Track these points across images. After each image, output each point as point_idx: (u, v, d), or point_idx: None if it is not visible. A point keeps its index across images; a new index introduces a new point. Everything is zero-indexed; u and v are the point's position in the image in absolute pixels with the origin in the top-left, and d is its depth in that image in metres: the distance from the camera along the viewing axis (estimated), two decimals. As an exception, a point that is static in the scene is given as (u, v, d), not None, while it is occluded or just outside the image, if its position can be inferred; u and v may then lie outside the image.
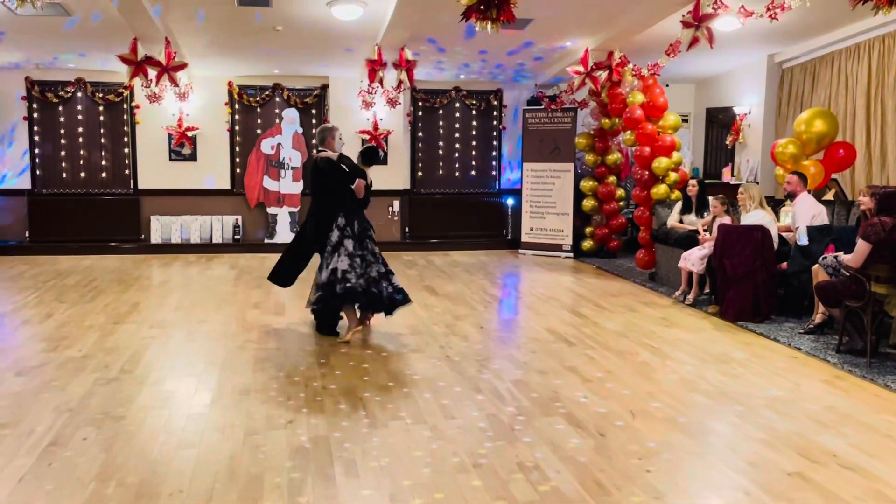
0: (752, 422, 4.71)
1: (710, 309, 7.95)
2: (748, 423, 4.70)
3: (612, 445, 4.30)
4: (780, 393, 5.31)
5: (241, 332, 7.05)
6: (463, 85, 13.54)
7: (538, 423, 4.65)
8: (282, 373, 5.70)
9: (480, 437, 4.41)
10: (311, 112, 13.15)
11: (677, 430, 4.56)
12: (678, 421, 4.72)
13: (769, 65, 11.76)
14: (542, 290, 9.38)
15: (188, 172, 12.78)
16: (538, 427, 4.58)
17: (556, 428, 4.57)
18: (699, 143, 13.94)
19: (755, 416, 4.83)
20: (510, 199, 13.68)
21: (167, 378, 5.56)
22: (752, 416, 4.81)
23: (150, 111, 12.44)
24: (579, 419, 4.72)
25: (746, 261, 7.43)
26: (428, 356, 6.22)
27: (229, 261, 11.68)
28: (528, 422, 4.67)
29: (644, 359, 6.20)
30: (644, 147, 10.35)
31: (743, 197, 7.90)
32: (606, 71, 10.63)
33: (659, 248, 9.77)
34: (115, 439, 4.33)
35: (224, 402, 5.01)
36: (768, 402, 5.10)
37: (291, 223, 12.94)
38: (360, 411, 4.84)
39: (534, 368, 5.88)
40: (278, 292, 9.17)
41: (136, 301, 8.45)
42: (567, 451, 4.20)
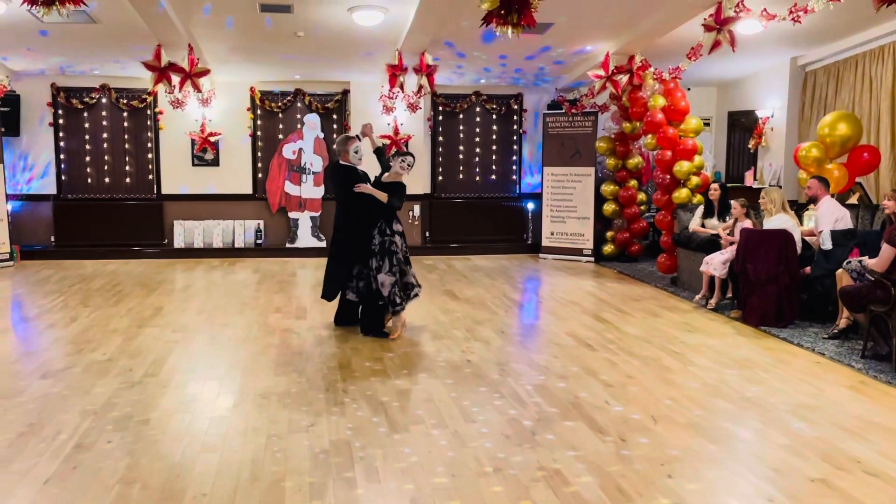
0: (776, 428, 4.67)
1: (733, 314, 7.89)
2: (771, 428, 4.65)
3: (633, 451, 4.27)
4: (804, 399, 5.26)
5: (263, 335, 7.08)
6: (483, 89, 13.54)
7: (559, 427, 4.64)
8: (303, 377, 5.71)
9: (501, 441, 4.40)
10: (333, 117, 13.21)
11: (700, 435, 4.53)
12: (701, 426, 4.68)
13: (792, 68, 11.67)
14: (562, 295, 9.35)
15: (211, 177, 12.87)
16: (559, 432, 4.56)
17: (578, 433, 4.55)
18: (721, 147, 13.84)
19: (778, 421, 4.78)
20: (531, 204, 13.66)
21: (190, 382, 5.59)
22: (775, 422, 4.77)
23: (174, 117, 12.55)
24: (601, 424, 4.70)
25: (769, 265, 7.38)
26: (448, 360, 6.22)
27: (251, 265, 11.75)
28: (549, 426, 4.66)
29: (666, 364, 6.16)
30: (665, 151, 10.30)
31: (765, 201, 7.84)
32: (627, 75, 10.59)
33: (681, 252, 9.71)
34: (139, 442, 4.36)
35: (246, 406, 5.03)
36: (792, 407, 5.05)
37: (313, 227, 12.99)
38: (380, 415, 4.85)
39: (555, 373, 5.87)
40: (300, 296, 9.21)
41: (160, 305, 8.52)
42: (589, 456, 4.19)
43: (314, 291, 9.61)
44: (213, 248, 12.72)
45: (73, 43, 10.27)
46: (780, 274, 7.37)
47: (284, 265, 11.75)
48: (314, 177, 12.97)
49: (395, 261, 6.90)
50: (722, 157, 13.80)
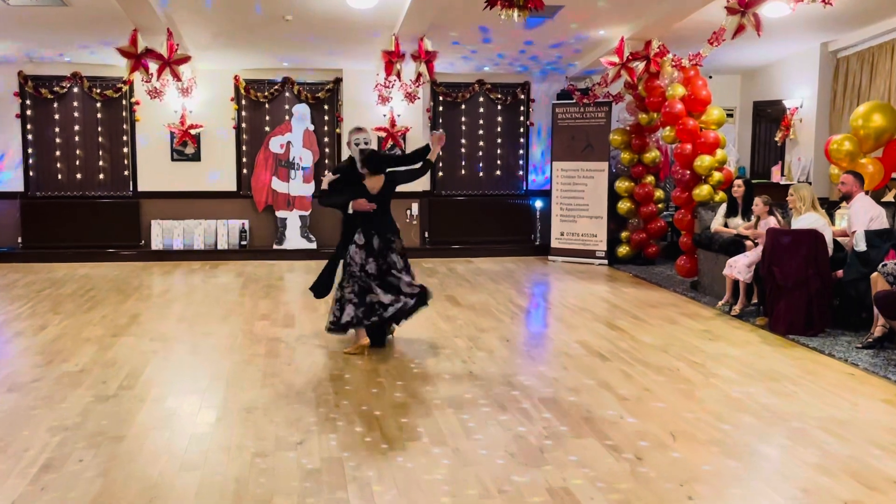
0: (805, 445, 4.67)
1: (758, 321, 7.89)
2: (800, 446, 4.65)
3: (650, 470, 4.28)
4: (836, 413, 5.26)
5: (249, 345, 7.08)
6: (487, 78, 13.55)
7: (569, 445, 4.64)
8: (292, 389, 5.72)
9: (506, 460, 4.41)
10: (324, 108, 13.22)
11: (722, 453, 4.53)
12: (723, 443, 4.68)
13: (822, 54, 11.67)
14: (573, 301, 9.36)
15: (191, 173, 12.88)
16: (569, 450, 4.56)
17: (590, 451, 4.55)
18: (745, 140, 13.85)
19: (808, 438, 4.78)
20: (539, 202, 13.66)
21: (169, 395, 5.59)
22: (804, 439, 4.77)
23: (151, 108, 12.57)
24: (615, 441, 4.70)
25: (798, 268, 7.38)
26: (449, 372, 6.22)
27: (235, 268, 11.76)
28: (558, 444, 4.66)
29: (686, 375, 6.16)
30: (685, 144, 10.31)
31: (794, 198, 7.85)
32: (644, 61, 10.60)
33: (702, 254, 9.71)
34: (114, 461, 4.37)
35: (230, 421, 5.03)
36: (822, 423, 5.05)
37: (302, 228, 13.00)
38: (375, 431, 4.85)
39: (565, 386, 5.87)
40: (288, 302, 9.22)
41: (136, 312, 8.52)
42: (602, 476, 4.19)
43: (304, 297, 9.62)
44: (193, 249, 12.73)
45: (43, 28, 10.28)
46: (809, 278, 7.37)
47: (271, 268, 11.76)
48: (304, 173, 12.98)
49: (349, 276, 6.75)
50: (746, 150, 13.80)
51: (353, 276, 6.75)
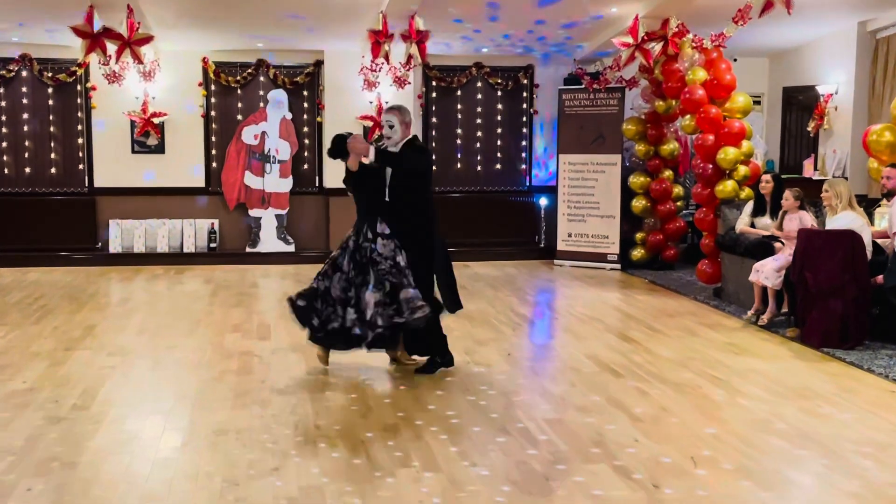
0: (841, 471, 4.67)
1: (789, 332, 7.90)
2: (836, 472, 4.65)
3: (668, 499, 4.27)
4: (876, 435, 5.26)
5: (218, 360, 7.06)
6: (486, 60, 13.55)
7: (578, 471, 4.64)
8: (267, 410, 5.70)
9: (507, 488, 4.40)
10: (303, 94, 13.20)
11: (749, 480, 4.53)
12: (750, 469, 4.68)
13: (860, 34, 11.69)
14: (582, 310, 9.36)
15: (154, 167, 12.85)
16: (578, 477, 4.56)
17: (601, 478, 4.55)
18: (774, 130, 13.87)
19: (845, 464, 4.79)
20: (543, 199, 13.67)
21: (129, 416, 5.57)
22: (840, 465, 4.77)
23: (109, 94, 12.53)
24: (628, 467, 4.70)
25: (833, 273, 7.38)
26: (444, 389, 6.21)
27: (203, 274, 11.75)
28: (565, 470, 4.66)
29: (707, 393, 6.16)
30: (707, 135, 10.32)
31: (828, 195, 7.86)
32: (661, 42, 10.60)
33: (726, 257, 9.73)
34: (66, 490, 4.35)
35: (197, 445, 5.02)
36: (861, 446, 5.05)
37: (279, 228, 12.98)
38: (360, 456, 4.84)
39: (573, 405, 5.86)
40: (263, 312, 9.20)
41: (92, 323, 8.50)
42: (613, 506, 4.19)
43: (280, 306, 9.60)
44: (156, 253, 12.70)
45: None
46: (846, 284, 7.38)
47: (244, 274, 11.74)
48: (280, 167, 12.97)
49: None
50: (775, 142, 13.82)
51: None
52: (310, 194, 13.26)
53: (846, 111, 11.96)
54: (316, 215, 13.23)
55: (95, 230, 12.81)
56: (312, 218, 13.24)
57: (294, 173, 13.09)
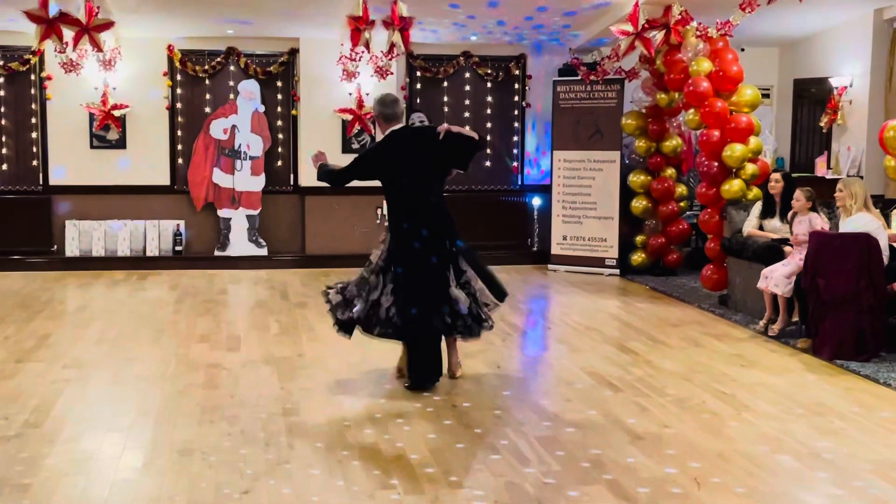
0: (856, 493, 4.68)
1: (800, 343, 7.92)
2: (851, 493, 4.67)
3: (670, 524, 4.28)
4: (893, 454, 5.28)
5: (183, 372, 7.04)
6: (475, 49, 13.56)
7: (573, 493, 4.63)
8: (236, 427, 5.68)
9: (497, 512, 4.40)
10: (276, 84, 13.18)
11: (757, 502, 4.53)
12: (758, 491, 4.69)
13: (876, 22, 11.75)
14: (578, 319, 9.37)
15: (115, 163, 12.80)
16: (573, 498, 4.56)
17: (598, 499, 4.54)
18: (784, 126, 13.92)
19: (859, 484, 4.80)
20: (537, 199, 13.68)
21: (85, 434, 5.54)
22: (855, 486, 4.78)
23: (66, 84, 12.49)
24: (627, 489, 4.70)
25: (847, 280, 7.41)
26: (428, 405, 6.21)
27: (168, 279, 11.71)
28: (559, 491, 4.65)
29: (713, 409, 6.17)
30: (712, 130, 10.35)
31: (842, 195, 7.88)
32: (663, 31, 10.63)
33: (732, 262, 9.75)
34: (17, 514, 4.33)
35: (160, 466, 4.99)
36: (877, 466, 5.07)
37: (250, 230, 12.95)
38: (337, 477, 4.83)
39: (567, 421, 5.86)
40: (232, 321, 9.17)
41: (46, 332, 8.45)
42: (611, 531, 4.19)
43: (251, 314, 9.59)
44: (117, 256, 12.65)
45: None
46: (861, 291, 7.40)
47: (212, 279, 11.71)
48: (252, 163, 12.94)
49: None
50: (786, 138, 13.88)
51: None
52: (284, 193, 13.23)
53: (861, 105, 12.01)
54: (290, 216, 13.21)
55: (51, 232, 12.75)
56: (287, 219, 13.21)
57: (267, 171, 13.06)
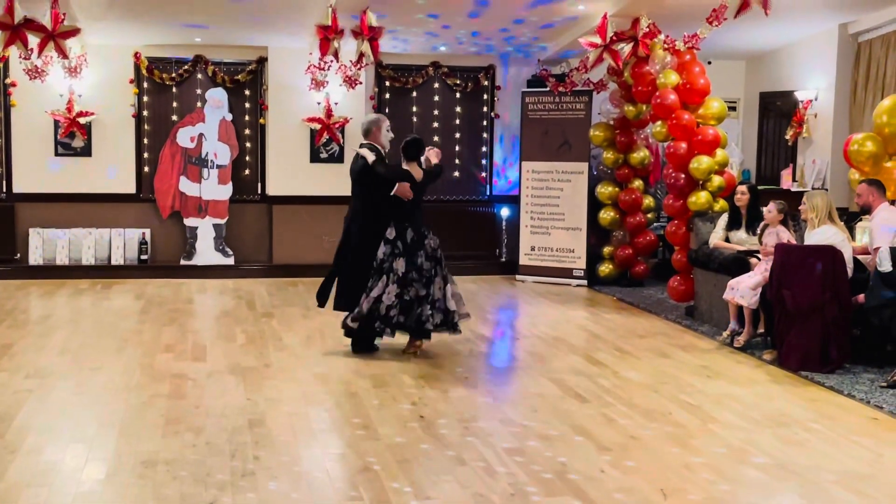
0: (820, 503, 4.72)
1: (766, 355, 7.97)
2: (815, 505, 4.70)
3: (636, 535, 4.29)
4: (857, 465, 5.32)
5: (148, 383, 6.98)
6: (444, 59, 13.59)
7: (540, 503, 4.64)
8: (201, 438, 5.65)
9: (463, 523, 4.39)
10: (244, 93, 13.13)
11: (722, 514, 4.56)
12: (724, 502, 4.71)
13: (841, 37, 11.86)
14: (545, 329, 9.38)
15: (80, 171, 12.70)
16: (540, 511, 4.56)
17: (564, 512, 4.55)
18: (751, 138, 14.03)
19: (824, 495, 4.83)
20: (505, 209, 13.71)
21: (47, 445, 5.49)
22: (819, 496, 4.82)
23: (30, 90, 12.38)
24: (594, 499, 4.70)
25: (812, 292, 7.46)
26: (395, 416, 6.19)
27: (133, 288, 11.62)
28: (526, 502, 4.65)
29: (679, 420, 6.20)
30: (679, 142, 10.41)
31: (806, 208, 7.95)
32: (630, 43, 10.69)
33: (699, 274, 9.80)
34: (-24, 527, 4.27)
35: (123, 478, 4.95)
36: (841, 477, 5.11)
37: (217, 239, 12.88)
38: (302, 489, 4.81)
39: (535, 433, 5.87)
40: (198, 331, 9.12)
41: (8, 342, 8.37)
42: (577, 542, 4.19)
43: (217, 324, 9.53)
44: (81, 265, 12.54)
45: None
46: (825, 303, 7.46)
47: (178, 289, 11.63)
48: (219, 171, 12.88)
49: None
50: (752, 151, 13.98)
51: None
52: (251, 202, 13.19)
53: (826, 118, 12.12)
54: (258, 225, 13.16)
55: (14, 240, 12.63)
56: (254, 228, 13.16)
57: (234, 179, 13.01)
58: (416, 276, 7.70)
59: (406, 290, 7.67)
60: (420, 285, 7.72)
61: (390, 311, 7.63)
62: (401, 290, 7.64)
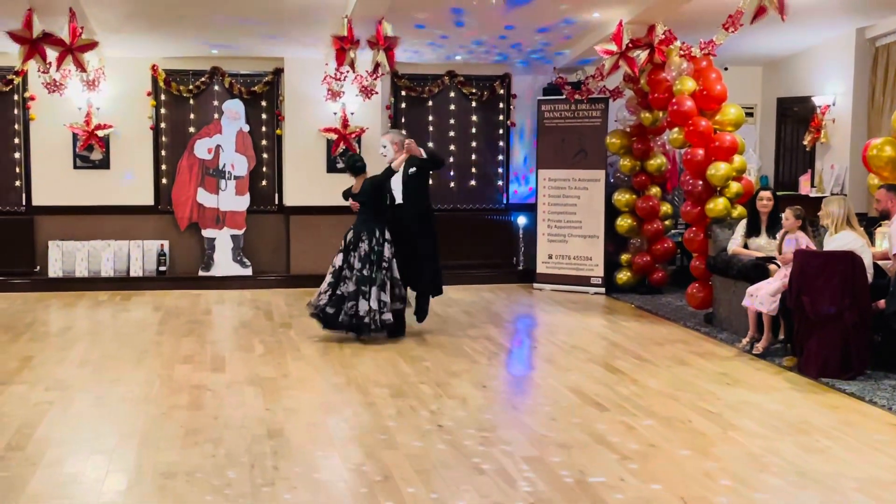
0: (842, 511, 4.70)
1: (786, 362, 7.94)
2: (836, 512, 4.68)
3: (656, 544, 4.28)
4: (879, 473, 5.29)
5: (167, 394, 7.01)
6: (459, 69, 13.61)
7: (559, 514, 4.63)
8: (220, 448, 5.66)
9: (483, 533, 4.39)
10: (261, 104, 13.18)
11: (743, 522, 4.54)
12: (744, 511, 4.70)
13: (858, 41, 11.84)
14: (564, 338, 9.37)
15: (99, 184, 12.77)
16: (559, 520, 4.56)
17: (583, 521, 4.55)
18: (768, 144, 13.99)
19: (846, 503, 4.81)
20: (522, 218, 13.70)
21: (68, 457, 5.51)
22: (841, 504, 4.80)
23: (50, 104, 12.46)
24: (614, 509, 4.70)
25: (832, 298, 7.43)
26: (413, 425, 6.19)
27: (152, 300, 11.66)
28: (545, 513, 4.65)
29: (699, 428, 6.18)
30: (696, 149, 10.39)
31: (824, 213, 7.92)
32: (646, 50, 10.68)
33: (718, 281, 9.77)
34: (-2, 539, 4.30)
35: (144, 489, 4.97)
36: (863, 484, 5.08)
37: (235, 249, 12.93)
38: (321, 500, 4.81)
39: (554, 441, 5.86)
40: (217, 341, 9.14)
41: (29, 354, 8.41)
42: (597, 551, 4.19)
43: (235, 335, 9.56)
44: (100, 277, 12.60)
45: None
46: (845, 310, 7.43)
47: (196, 300, 11.67)
48: (236, 183, 12.93)
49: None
50: (770, 156, 13.94)
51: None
52: (268, 213, 13.23)
53: (844, 123, 12.08)
54: (275, 236, 13.19)
55: (33, 253, 12.70)
56: (271, 238, 13.20)
57: (251, 190, 13.05)
58: (346, 272, 8.83)
59: (339, 285, 8.81)
60: (350, 282, 8.77)
61: (321, 296, 8.87)
62: (334, 282, 8.84)
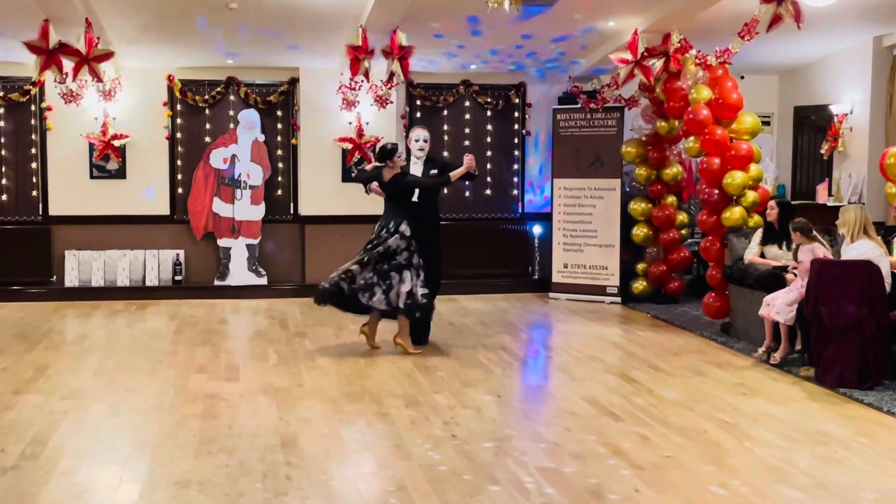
0: (860, 523, 4.66)
1: (803, 371, 7.90)
2: (854, 524, 4.65)
3: (672, 556, 4.25)
4: (897, 484, 5.27)
5: (181, 404, 7.03)
6: (474, 78, 13.61)
7: (574, 525, 4.62)
8: (234, 458, 5.67)
9: (497, 544, 4.38)
10: (276, 114, 13.21)
11: (760, 534, 4.51)
12: (761, 522, 4.67)
13: (876, 49, 11.80)
14: (579, 347, 9.35)
15: (114, 193, 12.82)
16: (574, 531, 4.54)
17: (598, 532, 4.53)
18: (785, 153, 13.95)
19: (864, 515, 4.78)
20: (537, 227, 13.69)
21: (82, 466, 5.53)
22: (859, 516, 4.76)
23: (66, 114, 12.53)
24: (629, 520, 4.68)
25: (850, 308, 7.40)
26: (427, 435, 6.19)
27: (168, 309, 11.70)
28: (560, 524, 4.64)
29: (715, 438, 6.16)
30: (712, 158, 10.37)
31: (841, 222, 7.88)
32: (662, 59, 10.67)
33: (734, 290, 9.74)
34: (11, 548, 4.30)
35: (157, 499, 4.97)
36: (881, 497, 5.05)
37: (250, 259, 12.95)
38: (336, 510, 4.82)
39: (568, 452, 5.84)
40: (231, 350, 9.16)
41: (44, 363, 8.44)
42: (612, 563, 4.16)
43: (250, 344, 9.57)
44: (116, 286, 12.64)
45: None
46: (863, 319, 7.39)
47: (212, 309, 11.70)
48: (252, 192, 12.96)
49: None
50: (787, 165, 13.90)
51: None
52: (284, 222, 13.24)
53: (862, 132, 12.03)
54: (290, 245, 13.21)
55: (50, 262, 12.76)
56: (287, 248, 13.22)
57: (267, 200, 13.08)
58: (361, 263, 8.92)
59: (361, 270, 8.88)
60: (367, 273, 8.86)
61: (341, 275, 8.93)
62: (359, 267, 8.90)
